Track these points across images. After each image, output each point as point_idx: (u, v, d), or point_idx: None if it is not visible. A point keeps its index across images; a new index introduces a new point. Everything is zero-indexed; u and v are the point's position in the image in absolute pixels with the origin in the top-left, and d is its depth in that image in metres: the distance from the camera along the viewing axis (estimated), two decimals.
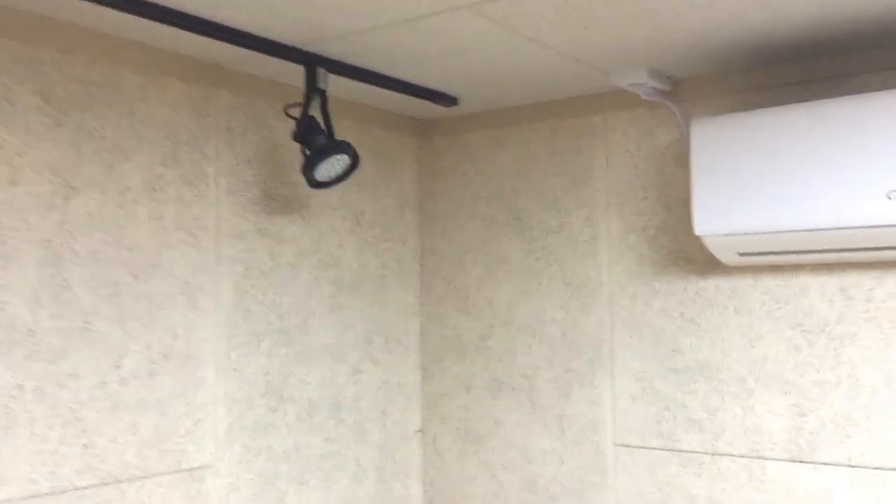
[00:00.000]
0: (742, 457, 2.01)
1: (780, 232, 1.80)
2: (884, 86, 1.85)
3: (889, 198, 1.66)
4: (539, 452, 2.32)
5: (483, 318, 2.46)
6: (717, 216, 1.87)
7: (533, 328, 2.36)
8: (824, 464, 1.90)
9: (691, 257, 2.12)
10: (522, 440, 2.36)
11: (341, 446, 2.33)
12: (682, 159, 2.13)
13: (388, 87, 2.16)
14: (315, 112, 1.95)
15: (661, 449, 2.13)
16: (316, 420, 2.26)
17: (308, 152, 1.90)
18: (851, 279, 1.90)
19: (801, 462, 1.93)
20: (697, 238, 2.06)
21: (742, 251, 1.91)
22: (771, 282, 2.00)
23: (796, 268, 1.97)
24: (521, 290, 2.39)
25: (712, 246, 1.91)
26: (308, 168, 1.91)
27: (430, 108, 2.44)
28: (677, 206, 2.14)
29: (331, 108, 2.02)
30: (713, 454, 2.05)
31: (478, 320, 2.47)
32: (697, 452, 2.07)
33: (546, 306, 2.34)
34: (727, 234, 1.87)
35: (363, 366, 2.41)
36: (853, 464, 1.87)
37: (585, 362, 2.27)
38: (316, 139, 1.92)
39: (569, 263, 2.32)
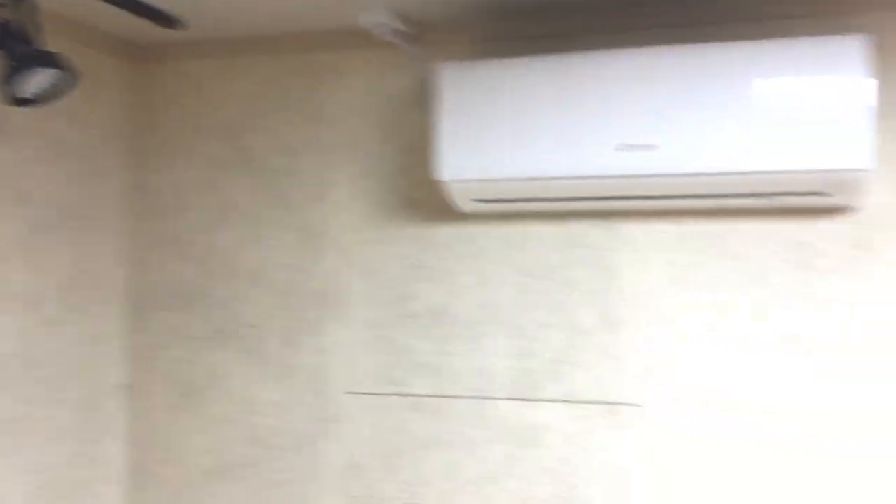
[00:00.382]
0: (471, 398, 2.08)
1: (518, 179, 1.86)
2: (620, 45, 1.96)
3: (617, 150, 1.78)
4: (264, 404, 2.22)
5: (205, 264, 2.28)
6: (459, 162, 1.88)
7: (259, 275, 2.24)
8: (545, 400, 2.02)
9: (427, 203, 2.13)
10: (246, 392, 2.24)
11: (35, 406, 2.04)
12: (420, 104, 2.12)
13: None
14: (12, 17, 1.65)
15: (392, 394, 2.13)
16: (5, 378, 1.96)
17: (12, 62, 1.60)
18: (574, 228, 2.03)
19: (524, 400, 2.04)
20: (434, 184, 2.07)
21: (480, 197, 1.95)
22: (503, 228, 2.07)
23: (527, 215, 2.05)
24: (247, 234, 2.25)
25: (453, 191, 1.93)
26: (8, 80, 1.61)
27: (151, 31, 2.18)
28: (414, 151, 2.13)
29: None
30: (443, 397, 2.10)
31: (199, 266, 2.28)
32: (428, 396, 2.11)
33: (274, 252, 2.23)
34: (468, 180, 1.90)
35: (62, 316, 2.13)
36: (571, 399, 2.01)
37: (315, 310, 2.20)
38: (19, 46, 1.62)
39: (299, 207, 2.22)
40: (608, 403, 1.98)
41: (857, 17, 1.83)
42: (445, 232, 2.11)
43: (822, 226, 1.86)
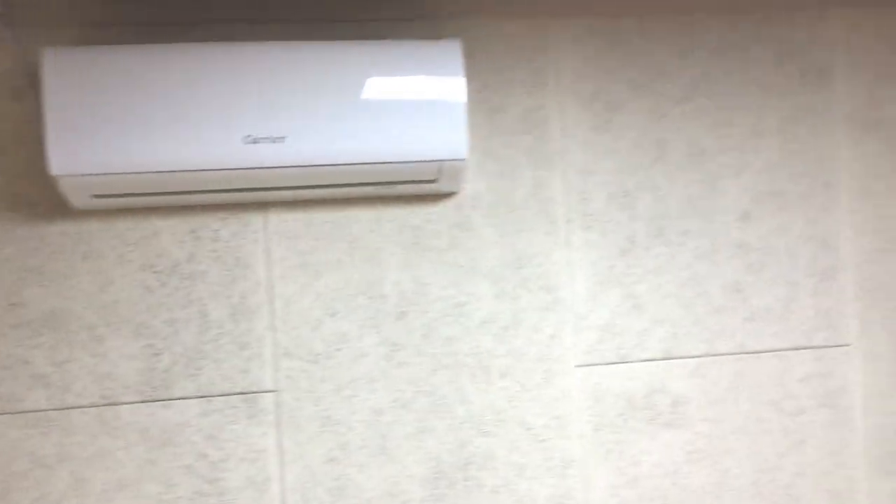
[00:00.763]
0: (94, 406, 1.95)
1: (139, 173, 1.79)
2: (242, 38, 1.97)
3: (244, 142, 1.80)
4: None
5: None
6: (74, 155, 1.75)
7: None
8: (178, 399, 1.98)
9: (32, 201, 1.94)
10: None
11: None
12: (18, 92, 1.92)
13: None
14: None
15: (0, 414, 1.91)
16: None
17: None
18: (200, 221, 2.00)
19: (155, 401, 1.97)
20: (40, 180, 1.90)
21: (98, 193, 1.84)
22: (122, 225, 1.97)
23: (149, 210, 1.98)
24: None
25: (68, 187, 1.79)
26: None
27: None
28: (18, 144, 1.93)
29: None
30: (62, 409, 1.94)
31: None
32: (44, 410, 1.93)
33: None
34: (83, 175, 1.77)
35: None
36: (206, 394, 1.99)
37: None
38: None
39: None
40: (244, 393, 2.00)
41: (452, 22, 2.07)
42: (59, 231, 1.94)
43: (431, 210, 2.07)
